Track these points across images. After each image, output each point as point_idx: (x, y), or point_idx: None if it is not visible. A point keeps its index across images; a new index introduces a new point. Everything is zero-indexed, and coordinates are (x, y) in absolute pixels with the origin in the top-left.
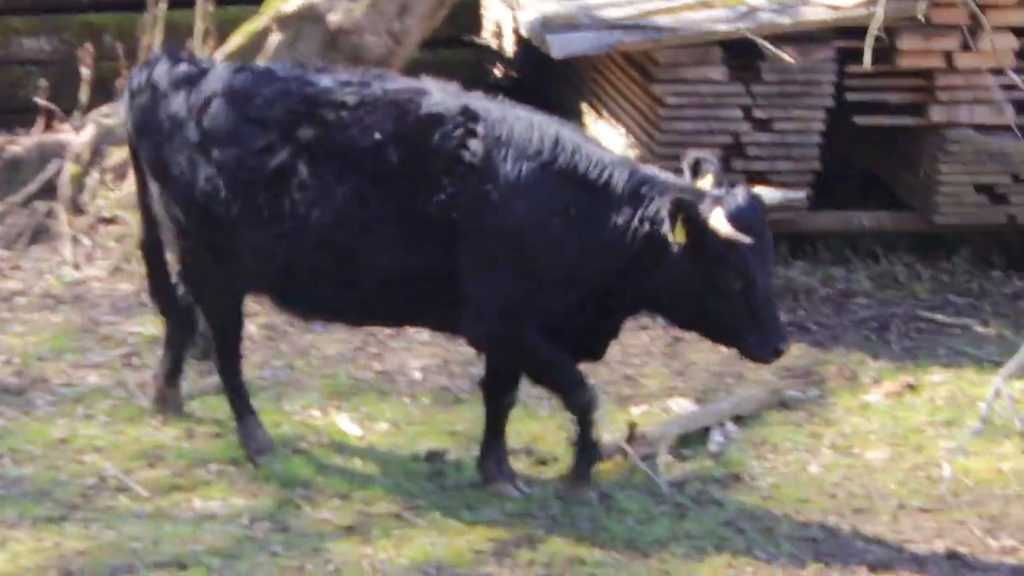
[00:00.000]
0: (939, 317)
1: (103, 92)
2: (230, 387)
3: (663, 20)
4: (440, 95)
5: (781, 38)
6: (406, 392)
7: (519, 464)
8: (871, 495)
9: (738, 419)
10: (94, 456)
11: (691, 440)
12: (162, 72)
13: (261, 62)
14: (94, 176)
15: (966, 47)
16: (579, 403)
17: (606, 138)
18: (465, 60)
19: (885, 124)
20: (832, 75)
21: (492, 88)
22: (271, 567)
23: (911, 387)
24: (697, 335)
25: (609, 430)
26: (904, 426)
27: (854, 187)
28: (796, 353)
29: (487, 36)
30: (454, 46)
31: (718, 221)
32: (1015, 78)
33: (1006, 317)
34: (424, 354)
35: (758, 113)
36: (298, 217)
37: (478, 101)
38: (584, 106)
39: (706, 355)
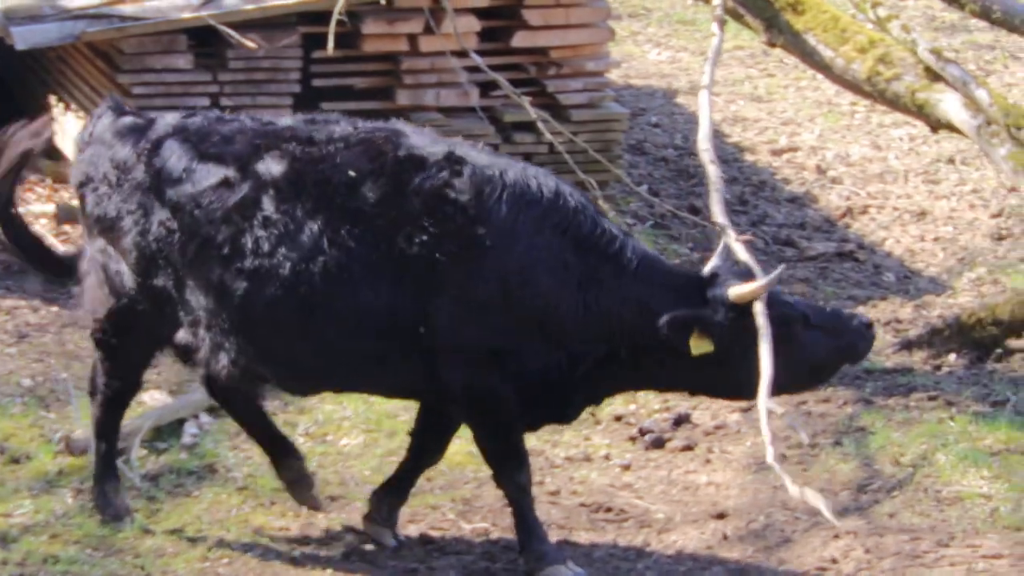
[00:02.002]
0: None
1: None
2: (97, 448)
3: (127, 9)
4: (419, 138)
5: (246, 25)
6: None
7: None
8: (345, 482)
9: (212, 410)
10: None
11: (165, 433)
12: (106, 125)
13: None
14: None
15: (429, 30)
16: (517, 481)
17: (74, 131)
18: None
19: (352, 109)
20: (298, 61)
21: None
22: None
23: None
24: None
25: (83, 425)
26: (378, 412)
27: None
28: None
29: None
30: None
31: (738, 293)
32: (478, 60)
33: None
34: None
35: (225, 101)
36: (260, 254)
37: (463, 147)
38: (53, 99)
39: None
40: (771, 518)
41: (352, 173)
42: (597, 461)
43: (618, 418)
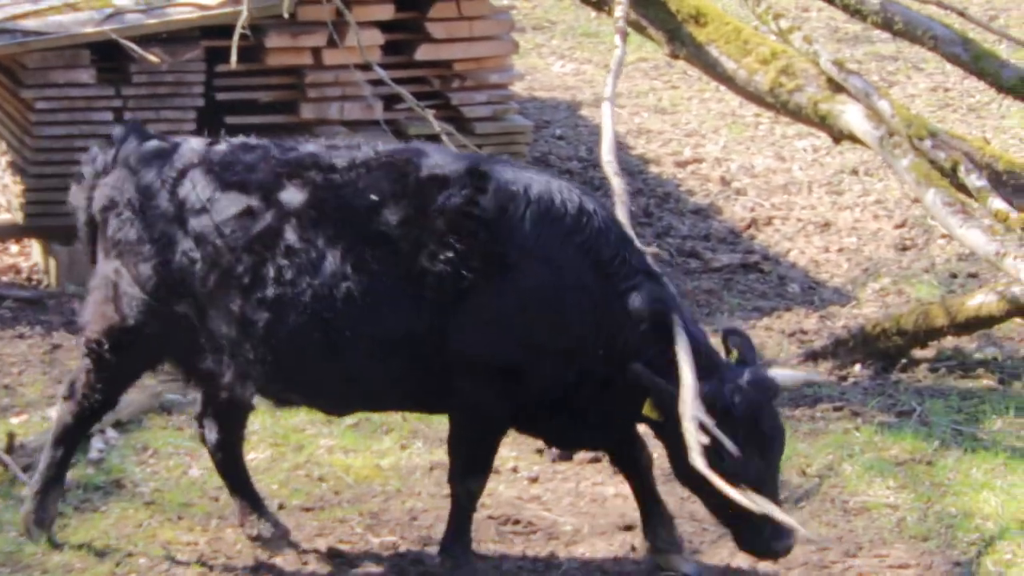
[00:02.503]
0: None
1: None
2: (52, 453)
3: (30, 23)
4: (440, 156)
5: (149, 39)
6: None
7: None
8: None
9: (119, 424)
10: None
11: None
12: (131, 149)
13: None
14: None
15: (333, 43)
16: (470, 487)
17: None
18: None
19: (256, 123)
20: (201, 75)
21: None
22: None
23: None
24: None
25: None
26: (284, 426)
27: None
28: None
29: None
30: None
31: (688, 431)
32: (382, 73)
33: None
34: None
35: (129, 115)
36: (283, 283)
37: (488, 161)
38: None
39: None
40: (679, 529)
41: (374, 197)
42: (505, 474)
43: None
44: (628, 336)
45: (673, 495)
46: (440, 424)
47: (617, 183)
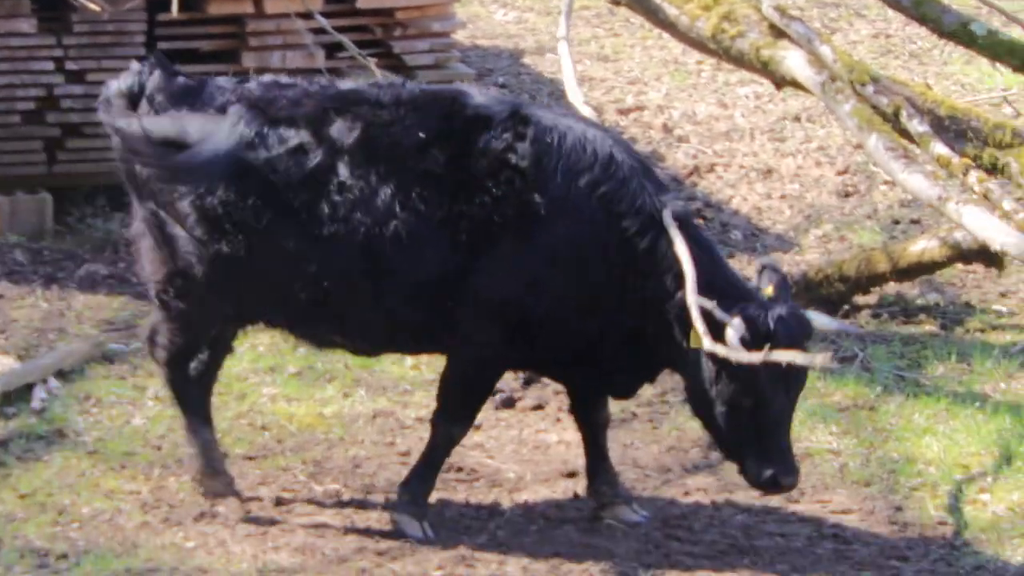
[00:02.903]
0: None
1: None
2: (178, 399)
3: None
4: (483, 97)
5: None
6: None
7: None
8: None
9: (61, 374)
10: None
11: (14, 398)
12: (157, 84)
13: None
14: None
15: None
16: (450, 431)
17: None
18: None
19: (198, 72)
20: (142, 24)
21: None
22: None
23: None
24: None
25: None
26: (227, 374)
27: None
28: (116, 306)
29: None
30: None
31: (731, 335)
32: (323, 22)
33: None
34: None
35: (71, 65)
36: (337, 220)
37: (528, 106)
38: None
39: (27, 311)
40: (622, 476)
41: (422, 135)
42: None
43: None
44: (655, 285)
45: (617, 442)
46: (382, 372)
47: (589, 112)
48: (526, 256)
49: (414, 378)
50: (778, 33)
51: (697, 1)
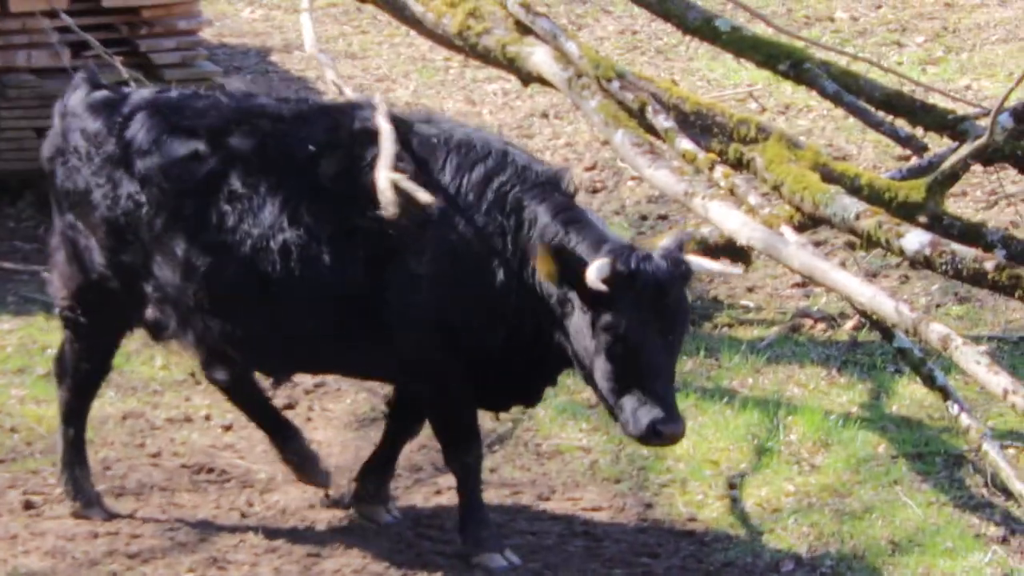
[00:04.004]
0: (6, 264)
1: None
2: (65, 432)
3: None
4: (371, 110)
5: None
6: None
7: None
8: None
9: None
10: None
11: None
12: (79, 98)
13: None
14: None
15: None
16: (464, 460)
17: None
18: None
19: None
20: None
21: None
22: None
23: None
24: None
25: None
26: None
27: None
28: None
29: None
30: None
31: (592, 274)
32: (68, 20)
33: None
34: None
35: None
36: (225, 229)
37: (411, 114)
38: None
39: None
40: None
41: (311, 147)
42: (198, 422)
43: None
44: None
45: (368, 440)
46: (132, 373)
47: (331, 74)
48: (424, 262)
49: (164, 379)
50: (524, 30)
51: None
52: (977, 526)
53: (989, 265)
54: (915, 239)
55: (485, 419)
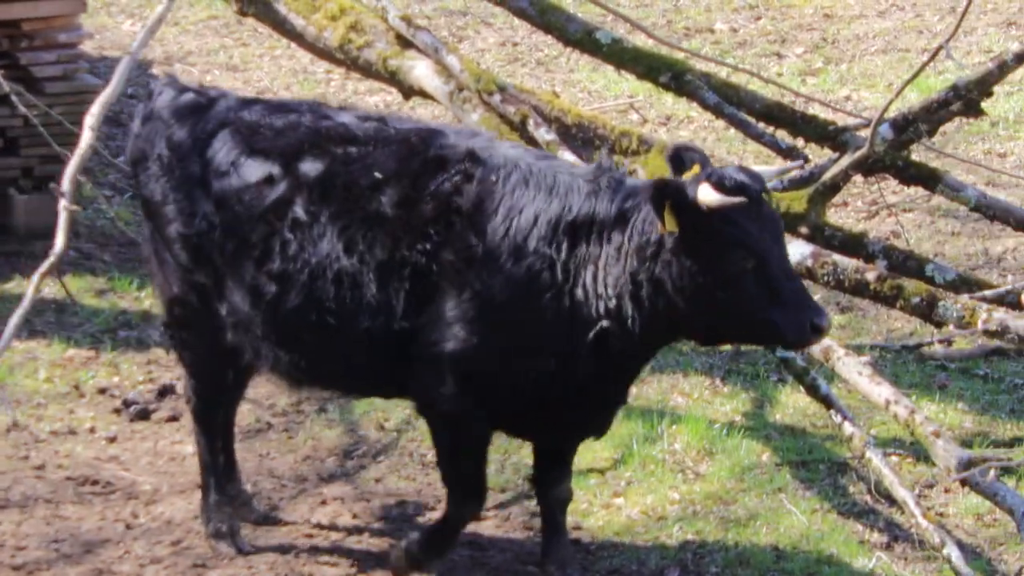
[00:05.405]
0: None
1: None
2: (200, 457)
3: None
4: (454, 137)
5: None
6: None
7: None
8: None
9: None
10: None
11: None
12: (165, 102)
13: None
14: None
15: None
16: (461, 510)
17: None
18: None
19: None
20: None
21: None
22: None
23: None
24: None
25: None
26: None
27: None
28: None
29: None
30: None
31: (706, 193)
32: None
33: None
34: None
35: None
36: (287, 257)
37: (490, 144)
38: None
39: None
40: (258, 486)
41: (377, 175)
42: (82, 434)
43: (102, 390)
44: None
45: (252, 452)
46: (15, 385)
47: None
48: (467, 301)
49: (48, 391)
50: (405, 43)
51: (324, 12)
52: (861, 532)
53: (871, 276)
54: (797, 250)
55: (370, 428)
